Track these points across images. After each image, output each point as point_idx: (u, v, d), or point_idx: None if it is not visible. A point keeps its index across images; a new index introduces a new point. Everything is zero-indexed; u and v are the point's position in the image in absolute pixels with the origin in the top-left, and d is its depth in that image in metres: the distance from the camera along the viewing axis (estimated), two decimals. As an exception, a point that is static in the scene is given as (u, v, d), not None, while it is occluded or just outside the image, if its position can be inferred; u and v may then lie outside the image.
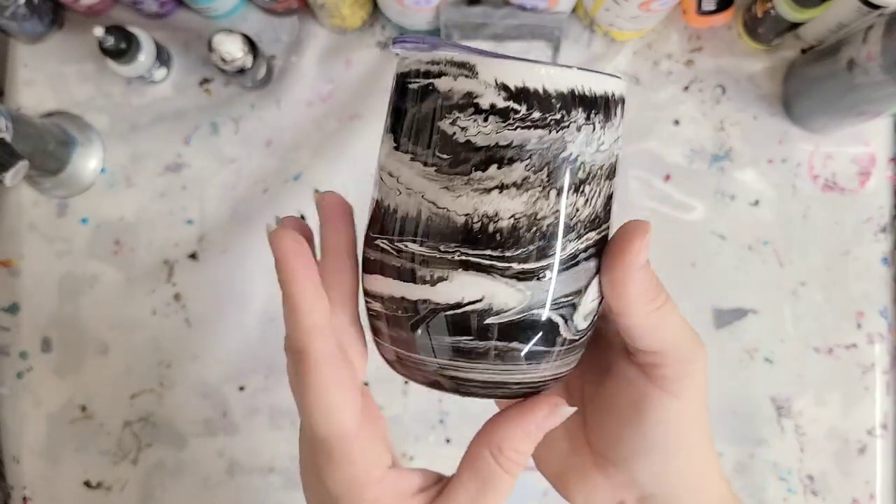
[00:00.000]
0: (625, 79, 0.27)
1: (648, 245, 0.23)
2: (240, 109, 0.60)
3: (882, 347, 0.60)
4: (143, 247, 0.59)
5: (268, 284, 0.59)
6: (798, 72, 0.60)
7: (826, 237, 0.61)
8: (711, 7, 0.60)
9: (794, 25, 0.56)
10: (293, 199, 0.59)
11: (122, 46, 0.53)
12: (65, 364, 0.58)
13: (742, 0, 0.60)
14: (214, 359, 0.59)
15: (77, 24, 0.60)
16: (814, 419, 0.60)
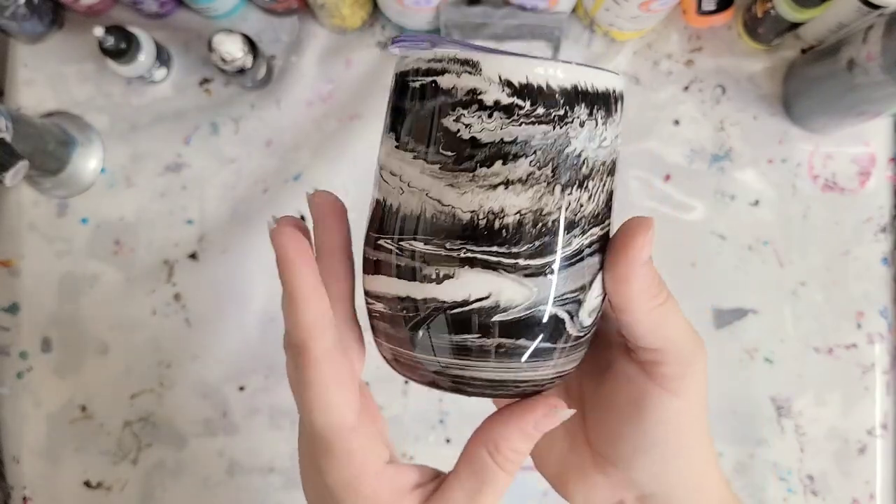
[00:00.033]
0: (625, 79, 0.27)
1: (652, 241, 0.23)
2: (240, 109, 0.60)
3: (882, 347, 0.60)
4: (143, 247, 0.59)
5: (268, 284, 0.59)
6: (798, 72, 0.60)
7: (826, 237, 0.61)
8: (711, 7, 0.60)
9: (794, 25, 0.56)
10: (293, 199, 0.59)
11: (122, 46, 0.53)
12: (65, 364, 0.58)
13: (742, 0, 0.60)
14: (214, 359, 0.59)
15: (77, 24, 0.60)
16: (814, 419, 0.60)
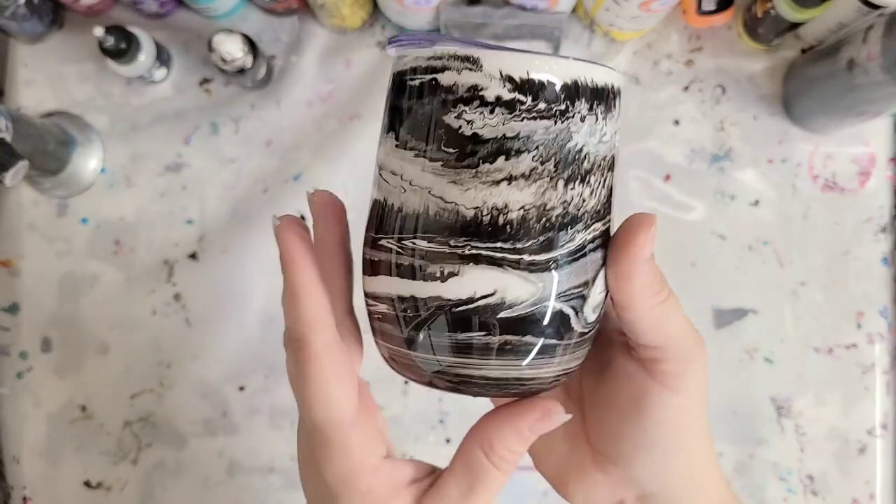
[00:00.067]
0: (623, 76, 0.27)
1: (654, 238, 0.23)
2: (240, 109, 0.60)
3: (882, 347, 0.60)
4: (143, 247, 0.59)
5: (268, 284, 0.59)
6: (798, 72, 0.60)
7: (826, 237, 0.61)
8: (711, 7, 0.60)
9: (794, 25, 0.56)
10: (293, 199, 0.59)
11: (122, 46, 0.53)
12: (65, 364, 0.58)
13: (742, 0, 0.60)
14: (214, 359, 0.59)
15: (77, 24, 0.60)
16: (814, 419, 0.60)
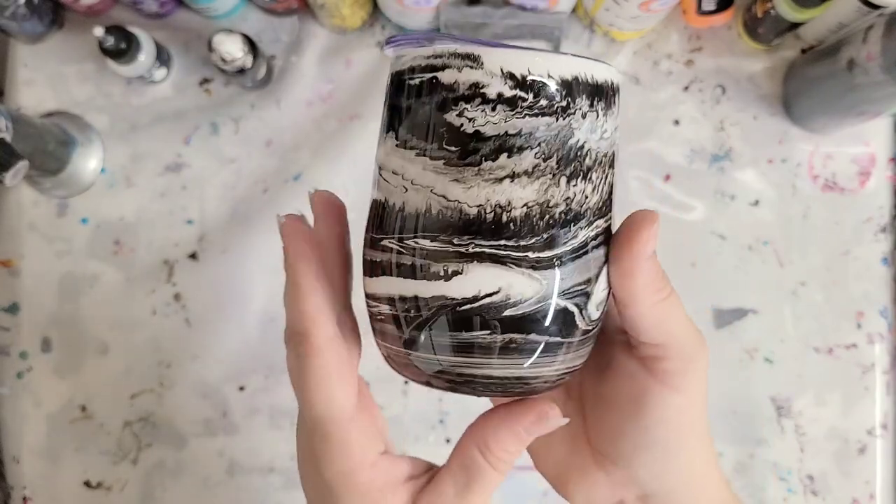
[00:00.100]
0: (622, 74, 0.27)
1: (657, 235, 0.23)
2: (240, 109, 0.60)
3: (882, 347, 0.60)
4: (143, 247, 0.59)
5: (268, 284, 0.59)
6: (798, 72, 0.60)
7: (826, 237, 0.61)
8: (711, 7, 0.60)
9: (794, 25, 0.56)
10: (293, 199, 0.59)
11: (122, 46, 0.53)
12: (65, 364, 0.58)
13: (742, 0, 0.60)
14: (214, 359, 0.59)
15: (77, 24, 0.60)
16: (814, 419, 0.60)
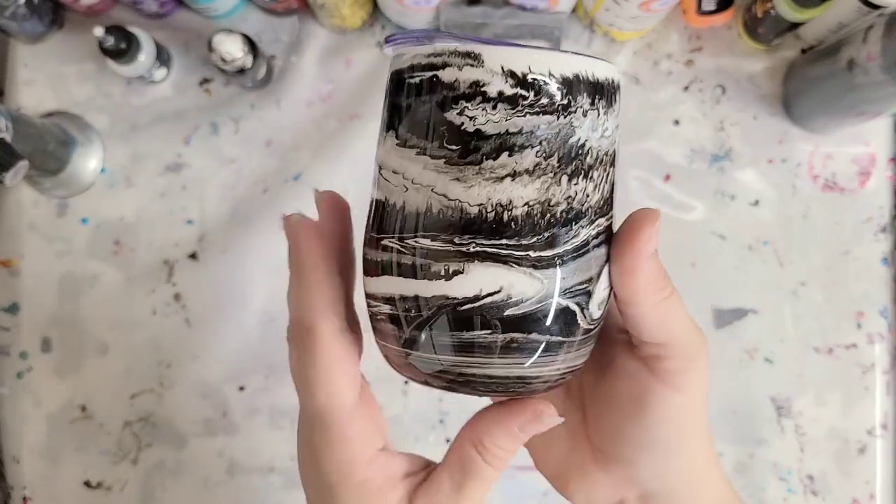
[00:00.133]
0: (625, 79, 0.27)
1: (658, 233, 0.23)
2: (240, 109, 0.60)
3: (882, 347, 0.60)
4: (143, 247, 0.59)
5: (268, 284, 0.59)
6: (798, 72, 0.60)
7: (826, 237, 0.61)
8: (711, 7, 0.60)
9: (794, 25, 0.56)
10: (293, 199, 0.59)
11: (122, 46, 0.53)
12: (65, 364, 0.58)
13: (742, 0, 0.60)
14: (214, 359, 0.59)
15: (77, 24, 0.60)
16: (814, 419, 0.60)
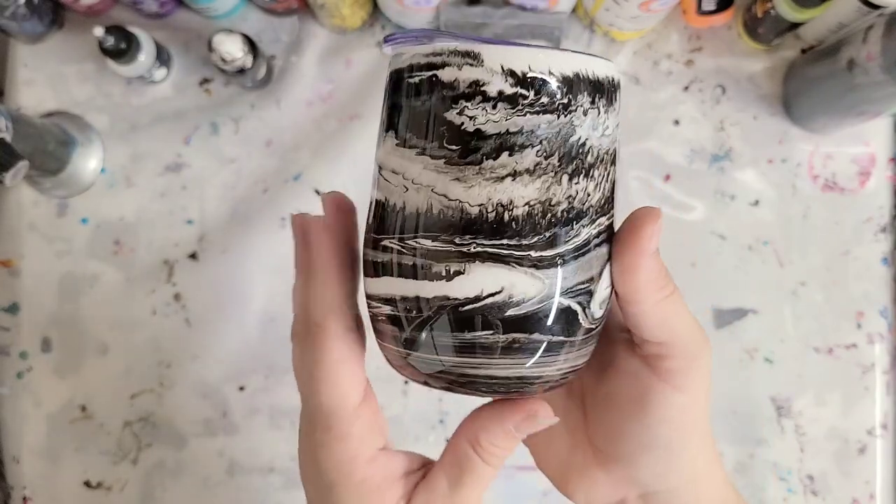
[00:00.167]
0: (625, 79, 0.27)
1: (659, 232, 0.23)
2: (240, 109, 0.60)
3: (882, 347, 0.60)
4: (143, 247, 0.59)
5: (268, 284, 0.59)
6: (798, 72, 0.60)
7: (826, 237, 0.61)
8: (711, 7, 0.60)
9: (794, 25, 0.56)
10: (293, 199, 0.59)
11: (122, 46, 0.53)
12: (65, 364, 0.58)
13: (742, 0, 0.60)
14: (214, 359, 0.59)
15: (77, 24, 0.60)
16: (814, 419, 0.60)
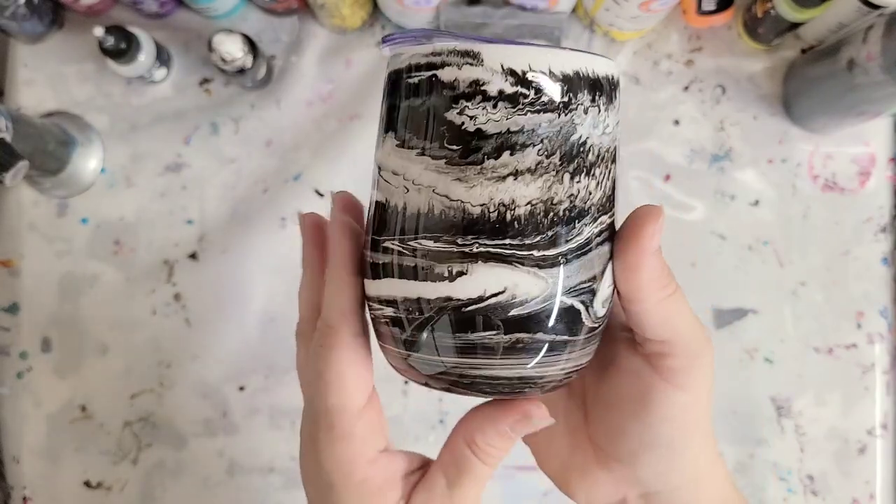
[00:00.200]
0: (625, 79, 0.27)
1: (661, 230, 0.22)
2: (240, 109, 0.60)
3: (882, 347, 0.60)
4: (143, 247, 0.59)
5: (268, 284, 0.59)
6: (798, 72, 0.60)
7: (826, 237, 0.61)
8: (711, 7, 0.60)
9: (794, 25, 0.56)
10: (293, 199, 0.59)
11: (122, 46, 0.53)
12: (65, 364, 0.58)
13: (742, 0, 0.60)
14: (214, 359, 0.59)
15: (77, 24, 0.60)
16: (814, 419, 0.60)
